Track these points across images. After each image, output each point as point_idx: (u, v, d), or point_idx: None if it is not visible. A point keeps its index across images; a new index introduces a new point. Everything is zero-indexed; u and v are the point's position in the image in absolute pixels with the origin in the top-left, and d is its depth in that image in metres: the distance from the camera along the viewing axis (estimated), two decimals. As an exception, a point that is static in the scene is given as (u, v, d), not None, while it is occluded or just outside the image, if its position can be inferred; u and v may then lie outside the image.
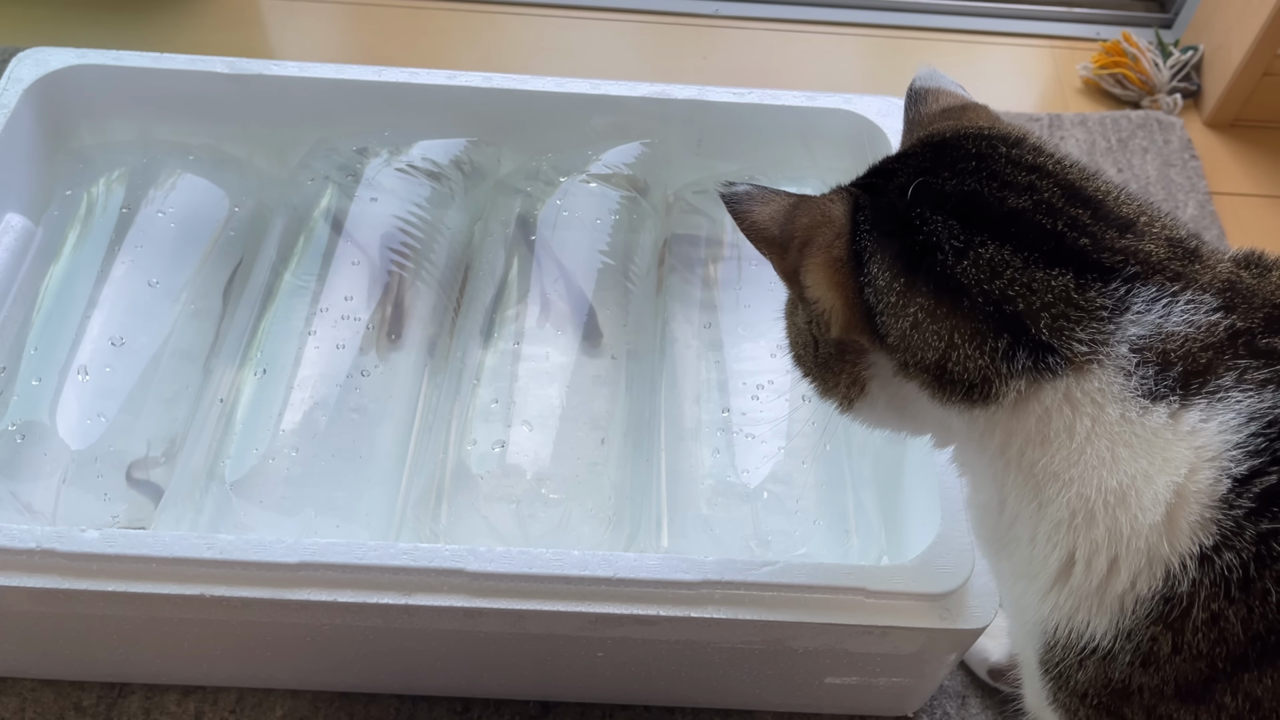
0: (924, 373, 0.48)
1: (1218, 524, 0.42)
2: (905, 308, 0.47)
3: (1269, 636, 0.41)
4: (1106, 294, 0.45)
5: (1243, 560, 0.41)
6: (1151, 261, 0.46)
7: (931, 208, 0.48)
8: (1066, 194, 0.48)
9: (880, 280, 0.48)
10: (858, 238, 0.49)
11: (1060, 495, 0.45)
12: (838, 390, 0.53)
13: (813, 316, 0.51)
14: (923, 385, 0.49)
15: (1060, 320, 0.45)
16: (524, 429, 0.71)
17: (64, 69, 0.84)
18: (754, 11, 1.25)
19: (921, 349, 0.47)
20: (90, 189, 0.82)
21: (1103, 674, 0.46)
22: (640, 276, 0.81)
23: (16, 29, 1.18)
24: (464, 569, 0.62)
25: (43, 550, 0.62)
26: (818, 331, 0.52)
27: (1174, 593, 0.43)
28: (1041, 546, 0.46)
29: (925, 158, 0.50)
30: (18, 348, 0.73)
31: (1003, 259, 0.46)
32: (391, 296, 0.77)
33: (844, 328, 0.50)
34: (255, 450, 0.69)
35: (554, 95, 0.85)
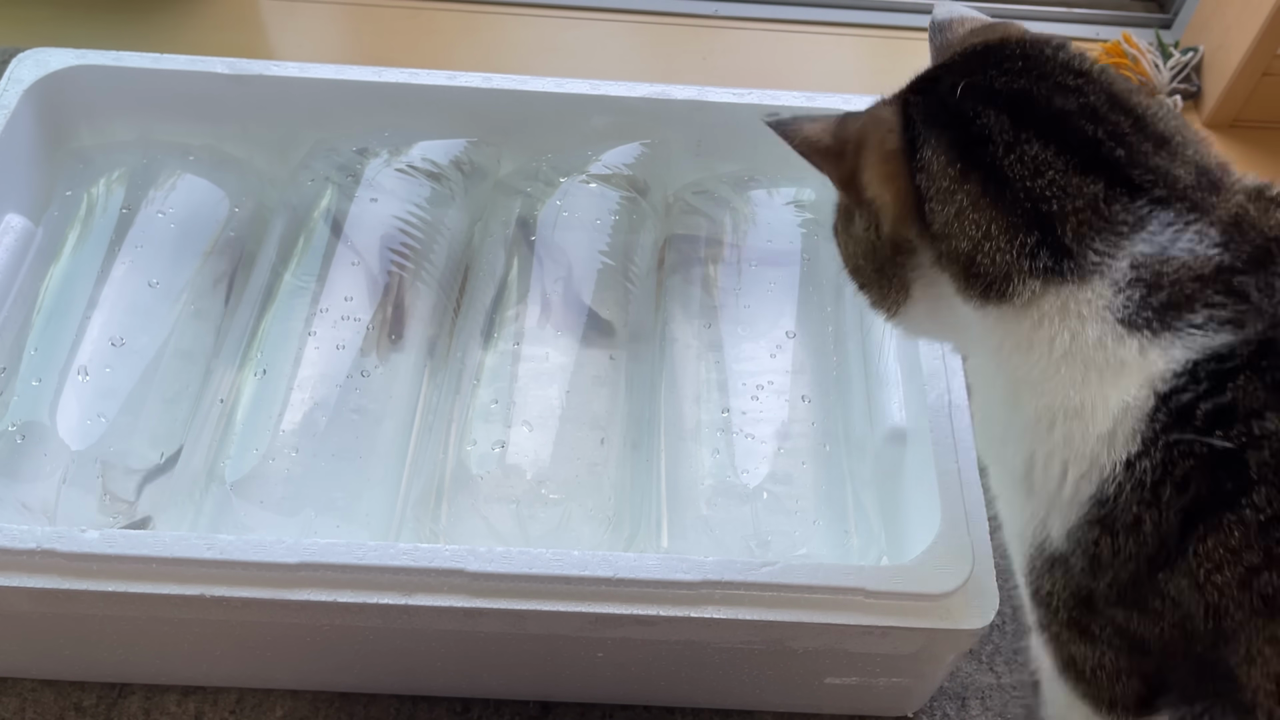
0: (956, 263, 0.50)
1: (1141, 435, 0.46)
2: (953, 194, 0.50)
3: (1168, 539, 0.45)
4: (1130, 210, 0.47)
5: (1154, 466, 0.45)
6: (1178, 188, 0.48)
7: (983, 103, 0.50)
8: (1110, 101, 0.50)
9: (934, 166, 0.50)
10: (910, 131, 0.52)
11: (1031, 402, 0.49)
12: (888, 297, 0.56)
13: (869, 217, 0.54)
14: (954, 278, 0.51)
15: (1085, 227, 0.47)
16: (524, 429, 0.71)
17: (64, 69, 0.84)
18: (753, 12, 1.25)
19: (959, 237, 0.50)
20: (90, 189, 0.82)
21: (1066, 582, 0.50)
22: (640, 277, 0.81)
23: (16, 29, 1.18)
24: (464, 569, 0.62)
25: (43, 550, 0.62)
26: (873, 235, 0.54)
27: (1105, 495, 0.47)
28: (1011, 447, 0.50)
29: (970, 63, 0.53)
30: (18, 348, 0.73)
31: (1046, 159, 0.48)
32: (391, 297, 0.77)
33: (895, 220, 0.53)
34: (255, 450, 0.69)
35: (554, 95, 0.85)
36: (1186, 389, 0.45)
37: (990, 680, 0.76)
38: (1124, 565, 0.47)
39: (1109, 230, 0.47)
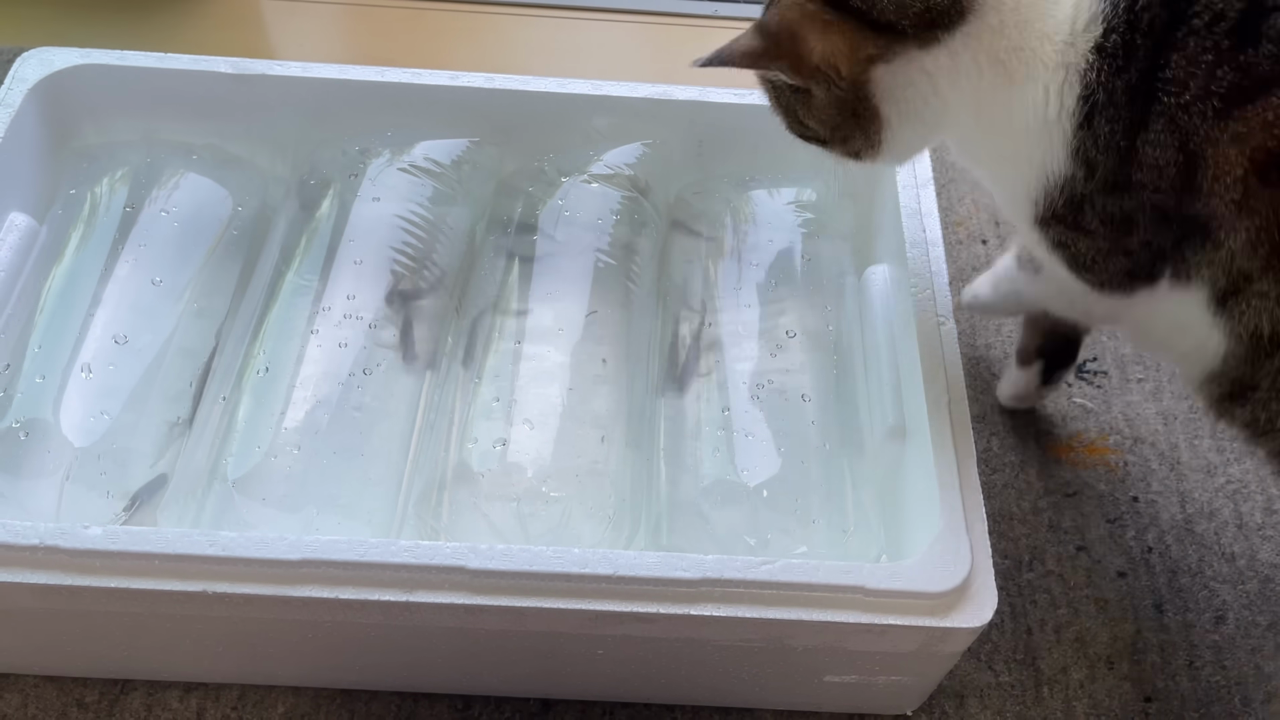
0: (916, 20, 0.58)
1: (1103, 15, 0.55)
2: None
3: (1142, 90, 0.55)
4: None
5: (1120, 31, 0.55)
6: None
7: None
8: None
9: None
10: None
11: (1006, 79, 0.58)
12: (870, 134, 0.63)
13: (827, 78, 0.61)
14: (915, 36, 0.58)
15: None
16: (525, 427, 0.72)
17: (68, 69, 0.85)
18: (754, 12, 1.25)
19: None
20: (94, 188, 0.83)
21: (1068, 194, 0.60)
22: (641, 276, 0.82)
23: (20, 29, 1.19)
24: (465, 566, 0.62)
25: (46, 547, 0.62)
26: (836, 90, 0.61)
27: (1089, 88, 0.56)
28: (1007, 138, 0.60)
29: None
30: (21, 346, 0.73)
31: None
32: (394, 295, 0.77)
33: (850, 55, 0.59)
34: (258, 448, 0.69)
35: (556, 96, 0.86)
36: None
37: (989, 679, 0.77)
38: (1112, 148, 0.57)
39: None
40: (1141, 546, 0.84)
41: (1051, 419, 0.91)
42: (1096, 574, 0.83)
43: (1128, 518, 0.86)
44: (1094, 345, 0.96)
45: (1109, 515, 0.86)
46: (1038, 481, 0.88)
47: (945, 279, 0.77)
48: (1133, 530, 0.85)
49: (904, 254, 0.78)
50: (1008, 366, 0.90)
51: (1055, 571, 0.83)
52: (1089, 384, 0.94)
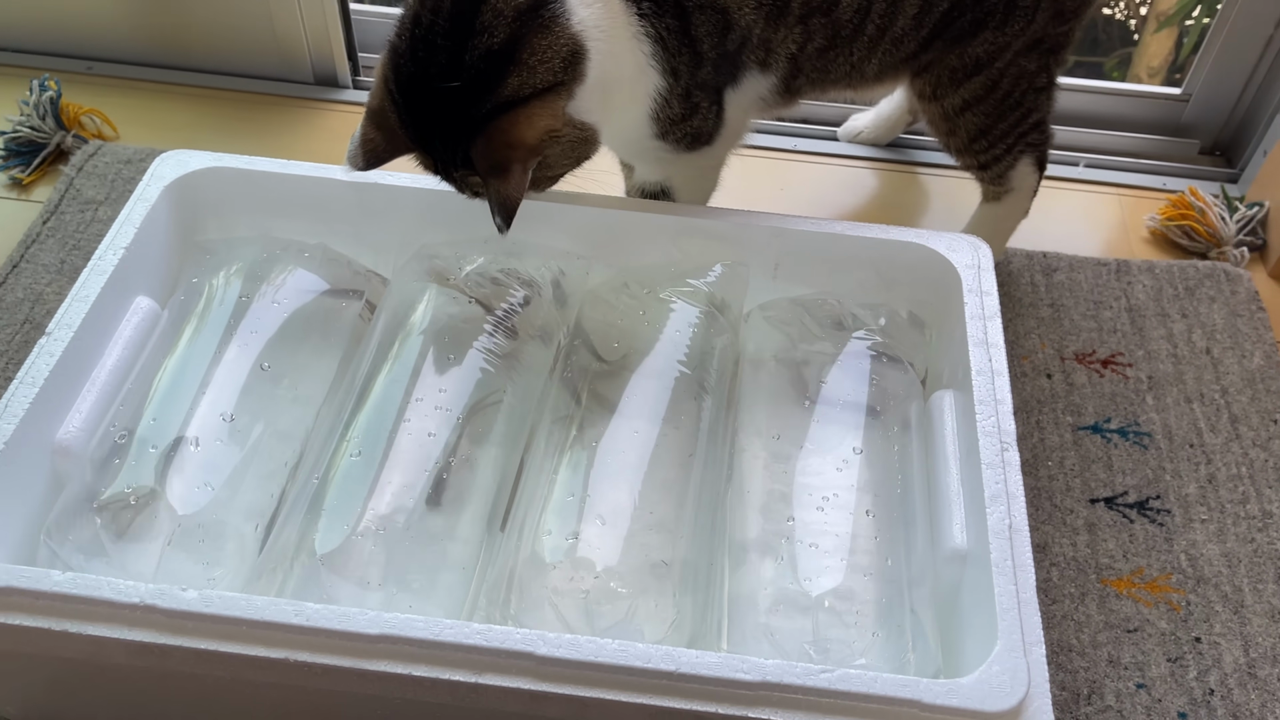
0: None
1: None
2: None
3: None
4: None
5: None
6: None
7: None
8: None
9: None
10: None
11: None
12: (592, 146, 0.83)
13: (559, 130, 0.77)
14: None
15: None
16: (597, 523, 0.75)
17: (201, 170, 0.93)
18: (826, 149, 1.32)
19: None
20: (213, 279, 0.89)
21: (684, 103, 0.86)
22: (714, 388, 0.86)
23: (156, 134, 1.29)
24: (533, 652, 0.65)
25: (145, 605, 0.66)
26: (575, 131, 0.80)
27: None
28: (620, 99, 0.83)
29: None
30: (138, 417, 0.79)
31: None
32: (482, 391, 0.82)
33: (563, 112, 0.78)
34: (345, 526, 0.73)
35: (643, 217, 0.91)
36: None
37: (1044, 812, 0.76)
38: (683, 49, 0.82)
39: None
40: (1204, 688, 0.84)
41: (1113, 554, 0.92)
42: (1157, 713, 0.82)
43: (1189, 658, 0.86)
44: (1157, 483, 0.97)
45: (1170, 654, 0.86)
46: (1097, 615, 0.88)
47: (1009, 407, 0.80)
48: (1194, 671, 0.85)
49: (970, 382, 0.81)
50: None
51: (1114, 707, 0.82)
52: (1152, 522, 0.94)
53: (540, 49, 0.75)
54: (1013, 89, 0.98)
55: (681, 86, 0.84)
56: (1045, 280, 1.15)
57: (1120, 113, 1.35)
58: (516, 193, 0.75)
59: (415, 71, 0.75)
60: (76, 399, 0.80)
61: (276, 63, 1.36)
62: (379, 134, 0.79)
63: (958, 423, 0.82)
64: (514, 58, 0.74)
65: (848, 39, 0.89)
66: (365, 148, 0.79)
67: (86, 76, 1.36)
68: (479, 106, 0.74)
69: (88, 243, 1.14)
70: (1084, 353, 1.08)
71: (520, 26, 0.74)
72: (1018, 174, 1.05)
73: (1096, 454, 0.99)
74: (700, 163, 0.94)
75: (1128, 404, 1.03)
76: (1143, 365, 1.07)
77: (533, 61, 0.75)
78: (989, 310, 0.85)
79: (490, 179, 0.75)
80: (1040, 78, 0.99)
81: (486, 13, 0.73)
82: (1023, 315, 1.11)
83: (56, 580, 0.67)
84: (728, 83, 0.88)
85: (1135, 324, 1.11)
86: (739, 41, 0.85)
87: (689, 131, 0.89)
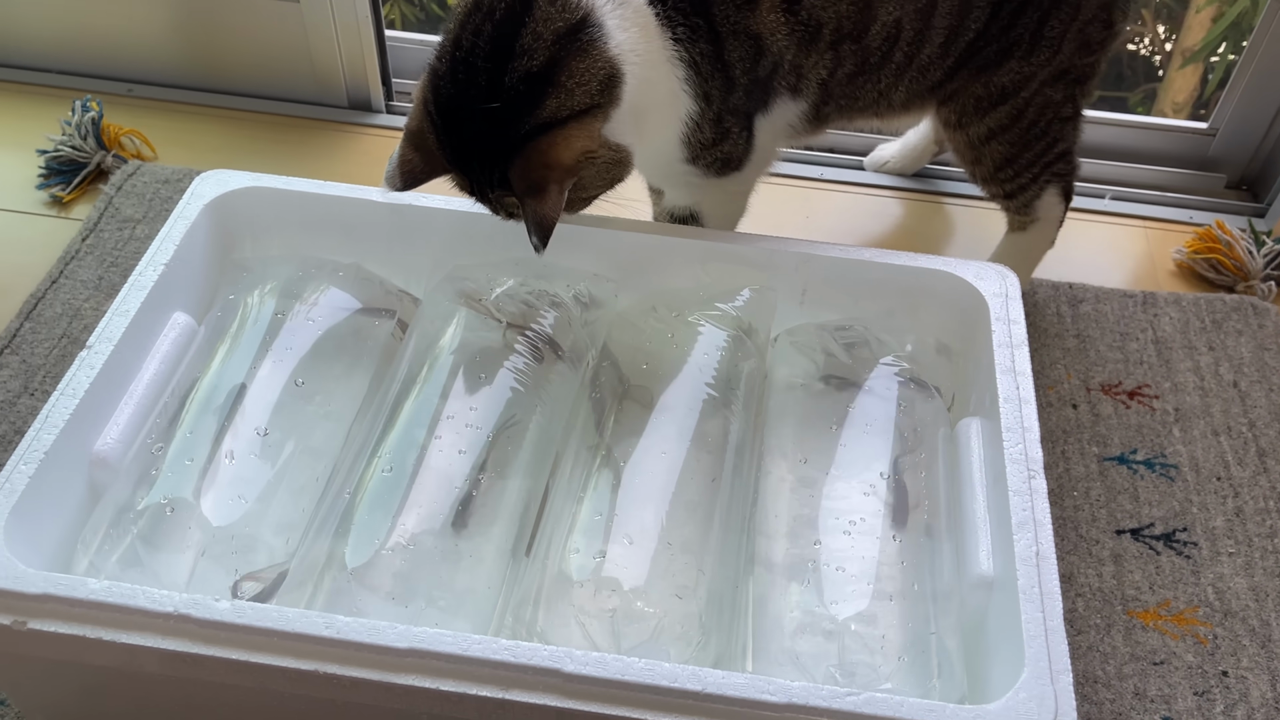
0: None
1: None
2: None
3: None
4: None
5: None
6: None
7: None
8: None
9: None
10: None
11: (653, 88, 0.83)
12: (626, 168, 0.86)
13: (595, 152, 0.79)
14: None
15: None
16: (624, 542, 0.75)
17: (240, 189, 0.95)
18: (853, 177, 1.33)
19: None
20: (249, 296, 0.91)
21: (715, 125, 0.88)
22: (741, 411, 0.86)
23: (193, 155, 1.32)
24: (560, 669, 0.65)
25: (179, 615, 0.67)
26: (606, 154, 0.81)
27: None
28: (656, 121, 0.86)
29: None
30: (174, 430, 0.80)
31: None
32: (511, 411, 0.83)
33: (600, 129, 0.79)
34: (376, 541, 0.74)
35: (672, 241, 0.93)
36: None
37: (1069, 844, 0.75)
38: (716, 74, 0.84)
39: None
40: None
41: (1139, 585, 0.92)
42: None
43: (1216, 692, 0.85)
44: (1184, 516, 0.97)
45: (1197, 688, 0.85)
46: (1124, 647, 0.87)
47: (1037, 435, 0.80)
48: (1221, 705, 0.84)
49: (997, 409, 0.81)
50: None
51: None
52: (1178, 554, 0.94)
53: (578, 72, 0.76)
54: (1038, 119, 0.99)
55: (713, 111, 0.86)
56: (1071, 311, 1.15)
57: (1147, 146, 1.36)
58: (554, 212, 0.76)
59: (455, 93, 0.77)
60: (114, 411, 0.82)
61: (312, 87, 1.39)
62: (417, 155, 0.80)
63: (985, 450, 0.83)
64: (553, 80, 0.76)
65: (876, 65, 0.91)
66: (403, 168, 0.81)
67: (126, 98, 1.39)
68: (518, 127, 0.76)
69: (125, 260, 1.16)
70: (1110, 384, 1.08)
71: (559, 50, 0.76)
72: (1044, 204, 1.06)
73: (1123, 485, 0.99)
74: (730, 188, 0.96)
75: (1154, 436, 1.03)
76: (1169, 397, 1.07)
77: (571, 84, 0.76)
78: (1016, 339, 0.86)
79: (527, 199, 0.76)
80: (1066, 108, 1.00)
81: (526, 36, 0.75)
82: (1049, 345, 1.11)
83: (92, 588, 0.68)
84: (759, 109, 0.90)
85: (1162, 356, 1.11)
86: (771, 67, 0.87)
87: (719, 156, 0.90)
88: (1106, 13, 0.95)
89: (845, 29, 0.87)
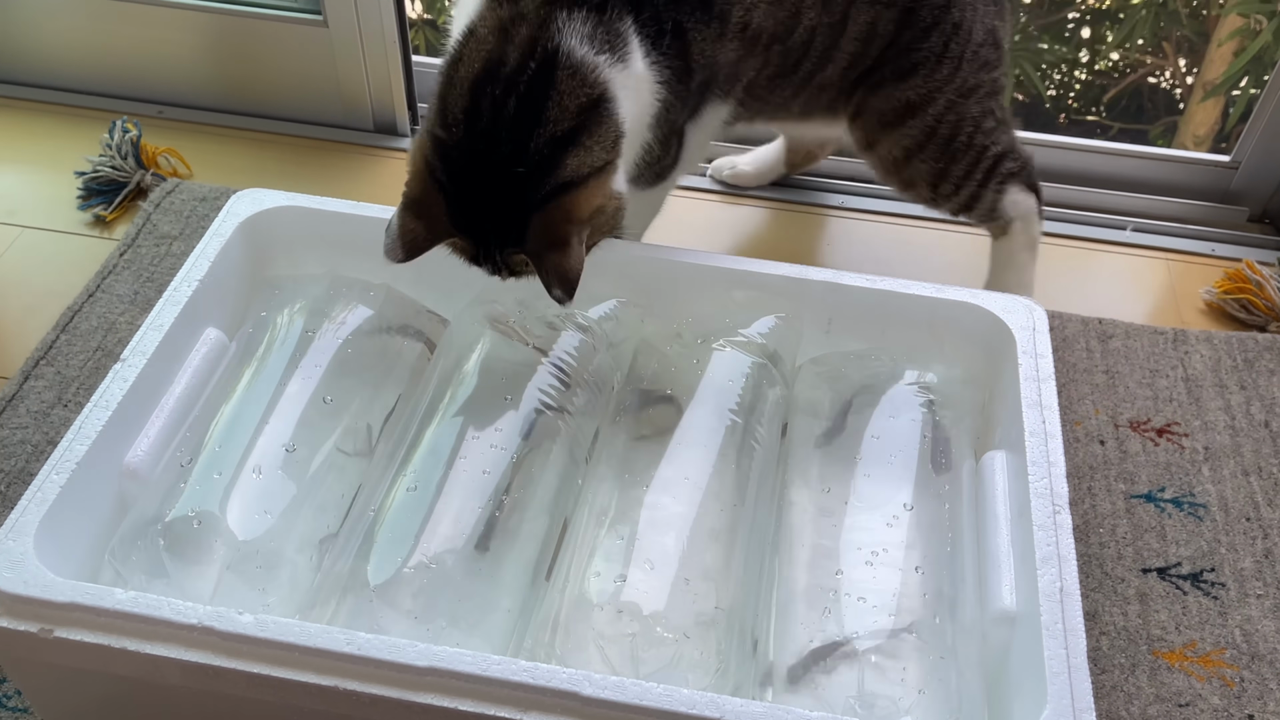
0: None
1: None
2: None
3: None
4: None
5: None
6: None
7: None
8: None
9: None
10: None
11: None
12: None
13: (605, 204, 0.82)
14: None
15: None
16: (645, 567, 0.75)
17: (274, 208, 0.96)
18: (878, 206, 1.34)
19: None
20: (280, 314, 0.92)
21: (665, 138, 0.92)
22: (765, 438, 0.86)
23: (222, 175, 1.34)
24: (579, 693, 0.65)
25: (202, 627, 0.67)
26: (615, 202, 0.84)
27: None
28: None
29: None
30: (203, 443, 0.81)
31: None
32: (536, 434, 0.83)
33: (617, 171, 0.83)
34: (399, 559, 0.74)
35: (699, 267, 0.93)
36: None
37: None
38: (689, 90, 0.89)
39: None
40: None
41: (1165, 625, 0.91)
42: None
43: (1244, 736, 0.84)
44: (1212, 556, 0.96)
45: (1224, 731, 0.84)
46: (1148, 687, 0.86)
47: (1062, 470, 0.79)
48: (1249, 749, 0.83)
49: (1023, 443, 0.81)
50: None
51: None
52: (1206, 595, 0.93)
53: (598, 135, 0.80)
54: (955, 133, 1.02)
55: (663, 133, 0.90)
56: (1101, 346, 1.15)
57: (1169, 178, 1.36)
58: (578, 264, 0.79)
59: (470, 161, 0.79)
60: (146, 424, 0.83)
61: (339, 110, 1.42)
62: (420, 224, 0.81)
63: (1009, 484, 0.82)
64: (575, 141, 0.79)
65: (793, 68, 0.95)
66: (405, 238, 0.81)
67: (157, 120, 1.42)
68: (540, 188, 0.78)
69: (161, 275, 1.18)
70: (1139, 420, 1.07)
71: (584, 118, 0.79)
72: (1009, 204, 1.08)
73: (1150, 523, 0.98)
74: (659, 193, 1.02)
75: (1183, 474, 1.02)
76: (1199, 436, 1.06)
77: (591, 144, 0.80)
78: (1043, 373, 0.85)
79: (550, 253, 0.79)
80: (987, 120, 1.03)
81: (553, 108, 0.78)
82: (1076, 380, 1.11)
83: (119, 598, 0.68)
84: (690, 118, 0.94)
85: (1192, 394, 1.10)
86: (711, 78, 0.91)
87: (659, 170, 0.95)
88: (994, 35, 1.01)
89: (779, 32, 0.91)
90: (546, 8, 0.80)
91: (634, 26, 0.82)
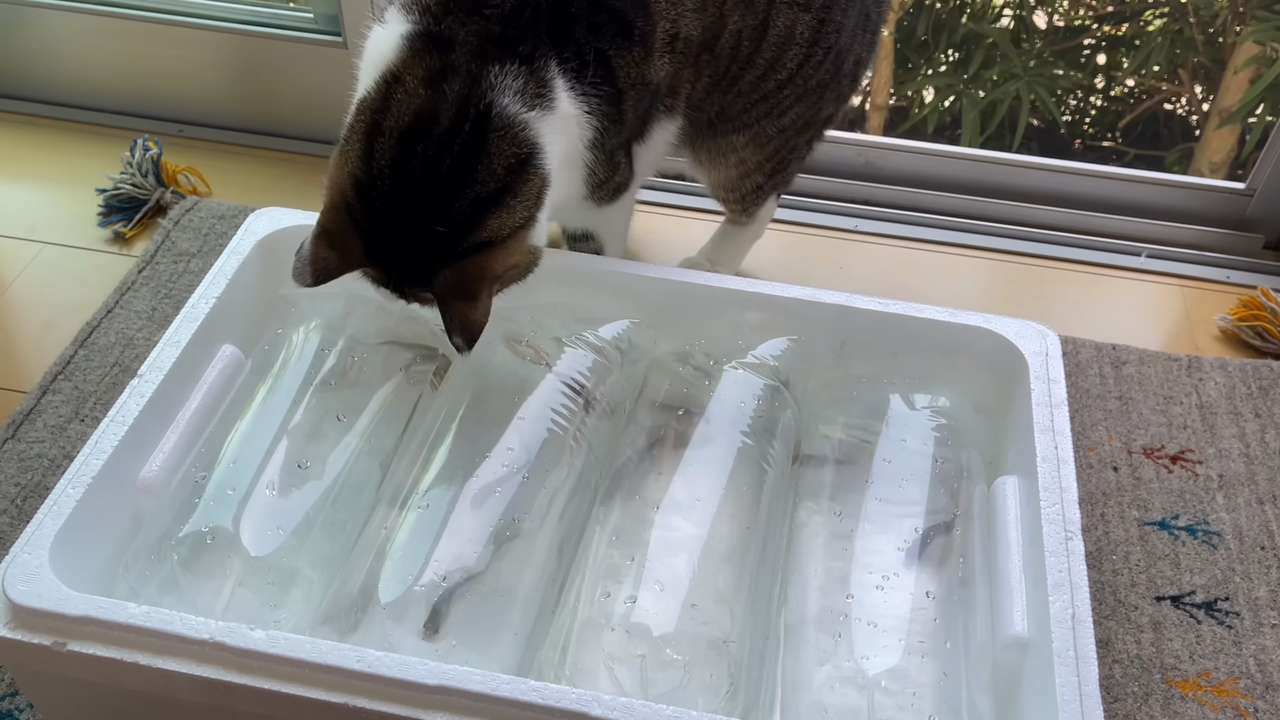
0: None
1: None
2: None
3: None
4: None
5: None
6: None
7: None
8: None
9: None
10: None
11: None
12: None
13: (519, 259, 0.83)
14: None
15: None
16: (655, 588, 0.75)
17: (292, 227, 0.97)
18: (890, 230, 1.34)
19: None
20: (295, 331, 0.93)
21: (606, 161, 0.91)
22: (776, 461, 0.86)
23: (240, 193, 1.35)
24: (588, 713, 0.65)
25: (214, 642, 0.68)
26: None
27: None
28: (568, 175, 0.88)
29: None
30: (218, 459, 0.82)
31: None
32: (549, 452, 0.83)
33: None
34: (409, 576, 0.75)
35: (712, 289, 0.93)
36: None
37: None
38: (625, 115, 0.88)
39: None
40: (1273, 800, 0.81)
41: (1178, 654, 0.90)
42: (1223, 823, 0.79)
43: (1258, 767, 0.83)
44: (1226, 585, 0.95)
45: (1238, 762, 0.83)
46: (1161, 716, 0.86)
47: (1075, 496, 0.79)
48: (1263, 781, 0.82)
49: (1035, 469, 0.81)
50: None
51: (1178, 814, 0.80)
52: (1220, 623, 0.92)
53: (524, 193, 0.80)
54: (788, 160, 1.06)
55: (605, 153, 0.90)
56: (1114, 373, 1.14)
57: (1183, 205, 1.36)
58: (483, 316, 0.80)
59: (393, 212, 0.78)
60: (161, 439, 0.83)
61: (359, 131, 1.42)
62: (333, 253, 0.81)
63: (1021, 509, 0.82)
64: (500, 203, 0.79)
65: (725, 75, 0.95)
66: (315, 265, 0.81)
67: (177, 138, 1.43)
68: (458, 244, 0.78)
69: (179, 292, 1.19)
70: (1152, 447, 1.07)
71: (510, 178, 0.79)
72: (765, 209, 1.14)
73: (1163, 551, 0.97)
74: (620, 208, 1.02)
75: (1197, 502, 1.02)
76: (1213, 463, 1.05)
77: (515, 204, 0.80)
78: (1056, 398, 0.85)
79: (457, 303, 0.79)
80: (806, 150, 1.08)
81: (482, 171, 0.78)
82: (1090, 406, 1.10)
83: (132, 613, 0.69)
84: (638, 137, 0.95)
85: (1206, 421, 1.10)
86: (653, 97, 0.92)
87: (613, 188, 0.96)
88: (856, 69, 1.02)
89: (706, 39, 0.91)
90: (477, 63, 0.78)
91: (557, 68, 0.81)
